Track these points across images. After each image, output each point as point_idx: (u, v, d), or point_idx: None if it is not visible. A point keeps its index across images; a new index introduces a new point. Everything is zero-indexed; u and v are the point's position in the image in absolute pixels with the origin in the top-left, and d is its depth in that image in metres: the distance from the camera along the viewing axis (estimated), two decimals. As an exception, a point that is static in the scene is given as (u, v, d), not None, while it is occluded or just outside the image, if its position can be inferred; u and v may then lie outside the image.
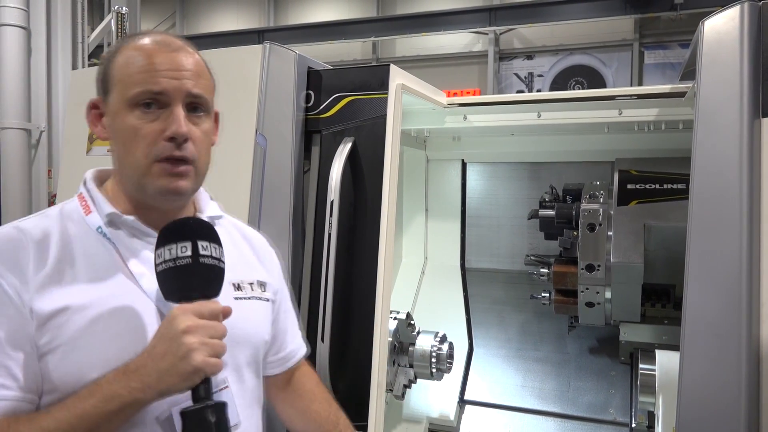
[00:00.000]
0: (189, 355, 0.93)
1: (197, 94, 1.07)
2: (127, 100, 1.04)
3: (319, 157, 2.14)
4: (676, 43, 12.29)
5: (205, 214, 1.18)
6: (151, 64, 1.04)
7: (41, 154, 5.46)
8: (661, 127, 2.49)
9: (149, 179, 1.05)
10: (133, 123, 1.04)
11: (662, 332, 2.70)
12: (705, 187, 1.60)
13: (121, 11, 5.83)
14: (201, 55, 1.15)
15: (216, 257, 1.01)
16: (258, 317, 1.22)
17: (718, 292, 1.55)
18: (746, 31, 1.61)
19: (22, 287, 0.98)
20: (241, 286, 1.18)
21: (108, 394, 0.93)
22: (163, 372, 0.93)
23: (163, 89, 1.03)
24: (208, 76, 1.13)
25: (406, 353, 2.53)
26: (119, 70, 1.06)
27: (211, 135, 1.14)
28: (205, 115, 1.10)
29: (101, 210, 1.09)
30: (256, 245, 1.30)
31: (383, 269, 1.95)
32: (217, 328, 0.97)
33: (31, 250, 1.02)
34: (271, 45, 2.07)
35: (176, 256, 0.98)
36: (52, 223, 1.08)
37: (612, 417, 2.92)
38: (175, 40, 1.10)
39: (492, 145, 3.09)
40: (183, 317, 0.95)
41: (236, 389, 1.11)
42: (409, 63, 13.26)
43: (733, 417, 1.49)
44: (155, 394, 0.94)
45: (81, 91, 2.47)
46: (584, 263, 2.64)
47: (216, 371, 0.96)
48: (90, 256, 1.05)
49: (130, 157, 1.05)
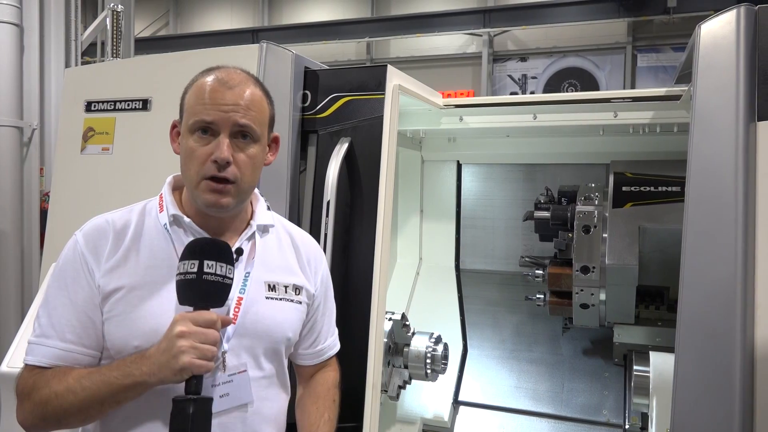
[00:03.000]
0: (178, 355, 1.12)
1: (244, 125, 1.25)
2: (189, 126, 1.26)
3: (315, 157, 2.14)
4: (669, 47, 12.35)
5: (256, 222, 1.38)
6: (208, 98, 1.25)
7: (33, 152, 5.41)
8: (656, 130, 2.50)
9: (198, 192, 1.26)
10: (191, 145, 1.26)
11: (656, 334, 2.71)
12: (701, 189, 1.61)
13: (115, 9, 5.79)
14: (262, 87, 1.34)
15: (220, 275, 1.18)
16: (284, 317, 1.37)
17: (712, 294, 1.56)
18: (742, 35, 1.62)
19: (95, 267, 1.25)
20: (276, 288, 1.36)
21: (126, 371, 1.16)
22: (161, 364, 1.14)
23: (213, 120, 1.24)
24: (260, 108, 1.30)
25: (401, 354, 2.53)
26: (188, 100, 1.29)
27: (258, 158, 1.31)
28: (252, 142, 1.28)
29: (168, 210, 1.31)
30: (303, 253, 1.46)
31: (379, 269, 1.95)
32: (208, 334, 1.15)
33: (110, 238, 1.28)
34: (268, 44, 2.07)
35: (186, 270, 1.17)
36: (134, 216, 1.32)
37: (605, 418, 2.93)
38: (235, 77, 1.29)
39: (487, 147, 3.09)
40: (180, 323, 1.14)
41: (253, 374, 1.30)
42: (403, 64, 13.26)
43: (728, 419, 1.49)
44: (157, 380, 1.15)
45: (74, 89, 2.46)
46: (579, 265, 2.64)
47: (202, 371, 1.14)
48: (154, 247, 1.29)
49: (187, 172, 1.27)
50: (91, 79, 2.51)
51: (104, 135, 2.33)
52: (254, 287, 1.32)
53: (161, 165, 2.19)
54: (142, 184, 2.21)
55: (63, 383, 1.19)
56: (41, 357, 1.23)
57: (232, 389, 1.26)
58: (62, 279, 1.27)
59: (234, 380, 1.27)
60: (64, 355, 1.23)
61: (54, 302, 1.26)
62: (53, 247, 2.37)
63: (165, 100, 2.24)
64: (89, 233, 1.30)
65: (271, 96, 1.37)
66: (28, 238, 5.21)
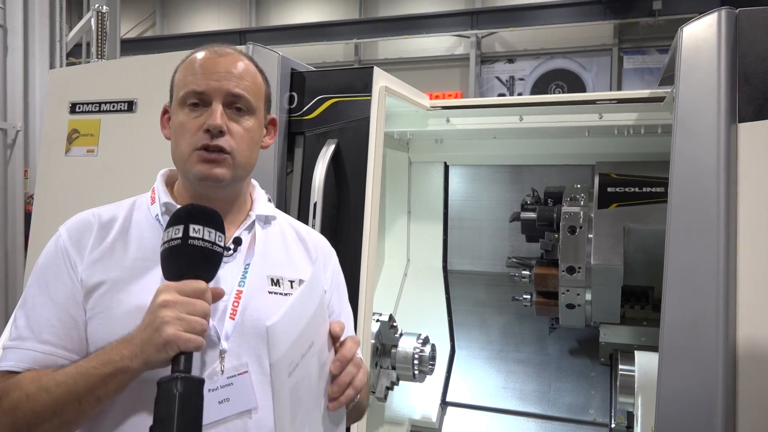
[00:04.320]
0: (161, 327, 0.98)
1: (237, 94, 1.18)
2: (179, 101, 1.19)
3: (302, 159, 2.14)
4: (655, 49, 12.47)
5: (256, 212, 1.28)
6: (198, 68, 1.18)
7: (17, 154, 5.36)
8: (641, 131, 2.52)
9: (190, 166, 1.16)
10: (181, 119, 1.18)
11: (641, 333, 2.73)
12: (683, 190, 1.63)
13: (101, 10, 5.75)
14: (255, 64, 1.26)
15: (209, 240, 1.06)
16: None
17: (695, 294, 1.57)
18: (723, 38, 1.64)
19: (78, 260, 1.15)
20: (280, 282, 1.24)
21: (105, 359, 1.03)
22: (144, 342, 1.00)
23: (204, 90, 1.16)
24: (254, 79, 1.23)
25: (389, 355, 2.53)
26: (177, 77, 1.22)
27: (255, 133, 1.23)
28: (248, 114, 1.20)
29: (160, 199, 1.22)
30: (310, 247, 1.35)
31: (366, 271, 1.95)
32: (195, 305, 1.01)
33: (95, 230, 1.19)
34: (254, 46, 2.06)
35: (170, 237, 1.05)
36: (122, 210, 1.24)
37: (592, 417, 2.95)
38: (226, 49, 1.23)
39: (474, 148, 3.11)
40: (164, 293, 1.02)
41: (257, 376, 1.15)
42: (391, 65, 13.28)
43: (711, 417, 1.51)
44: (140, 363, 1.01)
45: (59, 90, 2.44)
46: (565, 265, 2.66)
47: (190, 346, 0.99)
48: (143, 239, 1.19)
49: (178, 148, 1.18)
50: (76, 80, 2.49)
51: (89, 137, 2.32)
52: (255, 280, 1.19)
53: (147, 167, 2.17)
54: (128, 186, 2.19)
55: (35, 383, 1.06)
56: (16, 361, 1.10)
57: (232, 394, 1.11)
58: (42, 276, 1.16)
59: (234, 383, 1.12)
60: (42, 358, 1.10)
61: (32, 302, 1.15)
62: (37, 249, 2.34)
63: (151, 102, 2.23)
64: (73, 226, 1.21)
65: (266, 75, 1.29)
66: (12, 241, 5.16)
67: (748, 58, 1.63)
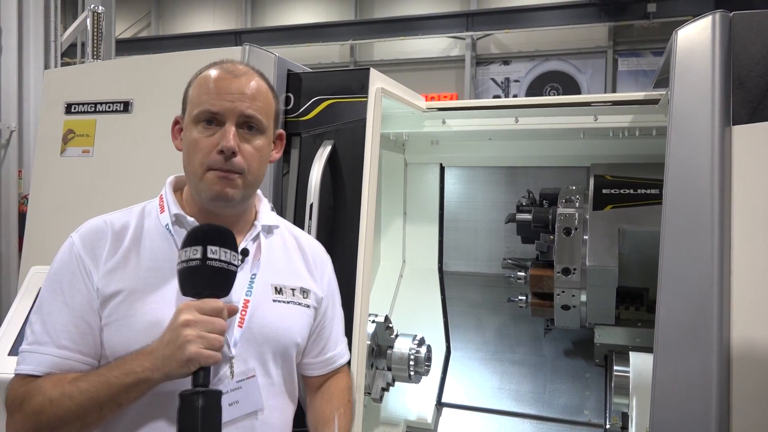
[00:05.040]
0: (184, 345, 1.06)
1: (250, 115, 1.22)
2: (193, 118, 1.23)
3: (298, 160, 2.13)
4: (649, 51, 12.53)
5: (261, 222, 1.34)
6: (213, 88, 1.22)
7: (11, 154, 5.34)
8: (636, 134, 2.53)
9: (203, 185, 1.21)
10: (195, 136, 1.22)
11: (636, 335, 2.74)
12: (678, 192, 1.64)
13: (96, 10, 5.73)
14: (266, 81, 1.31)
15: (225, 260, 1.13)
16: (292, 320, 1.32)
17: (690, 295, 1.58)
18: (718, 40, 1.65)
19: (94, 270, 1.20)
20: (283, 291, 1.31)
21: (128, 369, 1.10)
22: (166, 357, 1.08)
23: (219, 110, 1.20)
24: (266, 100, 1.27)
25: (384, 356, 2.53)
26: (192, 92, 1.26)
27: (265, 151, 1.27)
28: (258, 134, 1.25)
29: (170, 210, 1.26)
30: (309, 255, 1.43)
31: (362, 272, 1.95)
32: (215, 323, 1.09)
33: (108, 239, 1.23)
34: (250, 47, 2.06)
35: (189, 257, 1.12)
36: (133, 217, 1.27)
37: (587, 418, 2.95)
38: (239, 68, 1.27)
39: (470, 150, 3.11)
40: (185, 312, 1.09)
41: (262, 380, 1.25)
42: (387, 67, 13.29)
43: (705, 417, 1.52)
44: (162, 375, 1.09)
45: (54, 90, 2.43)
46: (560, 267, 2.66)
47: (210, 362, 1.08)
48: (155, 248, 1.24)
49: (190, 165, 1.23)
50: (71, 80, 2.48)
51: (84, 137, 2.31)
52: (261, 290, 1.27)
53: (142, 168, 2.17)
54: (123, 186, 2.19)
55: (58, 388, 1.11)
56: (35, 365, 1.15)
57: (241, 396, 1.21)
58: (57, 282, 1.20)
59: (243, 387, 1.21)
60: (60, 363, 1.15)
61: (48, 307, 1.19)
62: (31, 250, 2.34)
63: (146, 102, 2.22)
64: (86, 234, 1.24)
65: (276, 91, 1.34)
66: (6, 242, 5.14)
67: (742, 61, 1.64)
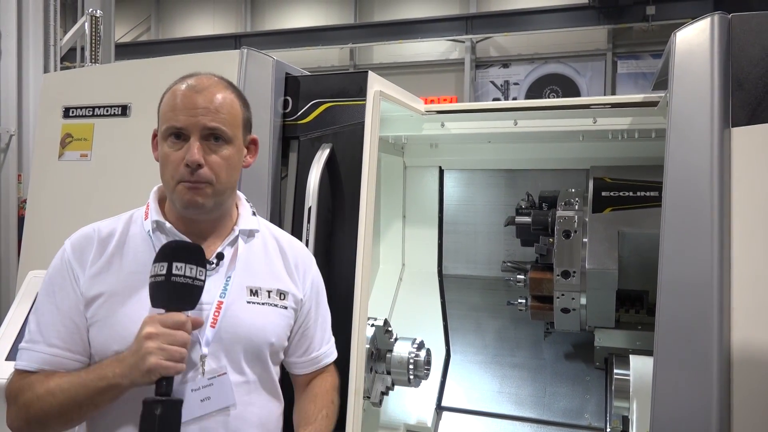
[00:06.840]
0: (145, 356, 1.15)
1: (213, 127, 1.28)
2: (162, 133, 1.30)
3: (296, 164, 2.13)
4: (648, 54, 12.54)
5: (239, 227, 1.40)
6: (177, 104, 1.29)
7: (11, 158, 5.35)
8: (635, 136, 2.53)
9: (175, 195, 1.29)
10: (166, 151, 1.29)
11: (636, 337, 2.73)
12: (677, 194, 1.63)
13: (95, 14, 5.74)
14: (234, 90, 1.36)
15: (190, 276, 1.20)
16: (266, 321, 1.37)
17: (689, 297, 1.57)
18: (716, 42, 1.65)
19: (80, 274, 1.29)
20: (258, 293, 1.37)
21: (102, 373, 1.19)
22: (131, 366, 1.17)
23: (183, 126, 1.27)
24: (230, 110, 1.32)
25: (384, 360, 2.53)
26: (162, 108, 1.33)
27: (233, 159, 1.33)
28: (225, 143, 1.30)
29: (152, 216, 1.34)
30: (290, 258, 1.47)
31: (361, 276, 1.95)
32: (176, 336, 1.17)
33: (95, 245, 1.32)
34: (248, 50, 2.06)
35: (156, 273, 1.20)
36: (120, 224, 1.36)
37: (587, 422, 2.95)
38: (205, 81, 1.32)
39: (469, 152, 3.11)
40: (149, 325, 1.17)
41: (234, 378, 1.31)
42: (386, 70, 13.29)
43: (706, 420, 1.51)
44: (129, 382, 1.18)
45: (53, 94, 2.43)
46: (560, 270, 2.66)
47: (171, 372, 1.16)
48: (138, 253, 1.32)
49: (164, 177, 1.31)
50: (69, 84, 2.48)
51: (83, 141, 2.31)
52: (235, 292, 1.33)
53: (140, 172, 2.17)
54: (121, 191, 2.19)
55: (44, 386, 1.22)
56: (29, 361, 1.27)
57: (212, 393, 1.28)
58: (50, 286, 1.32)
59: (214, 384, 1.28)
60: (51, 360, 1.26)
61: (42, 309, 1.31)
62: (29, 255, 2.34)
63: (144, 106, 2.22)
64: (76, 241, 1.34)
65: (245, 99, 1.39)
66: (6, 245, 5.14)
67: (741, 63, 1.64)
